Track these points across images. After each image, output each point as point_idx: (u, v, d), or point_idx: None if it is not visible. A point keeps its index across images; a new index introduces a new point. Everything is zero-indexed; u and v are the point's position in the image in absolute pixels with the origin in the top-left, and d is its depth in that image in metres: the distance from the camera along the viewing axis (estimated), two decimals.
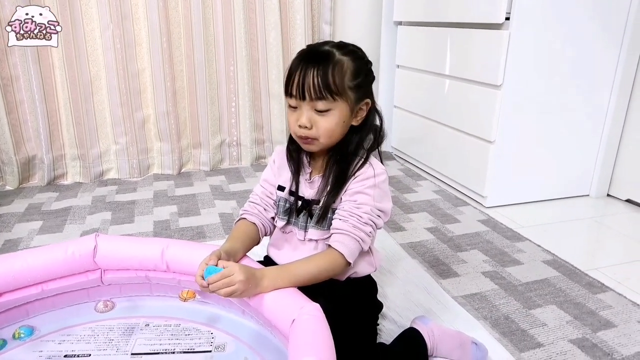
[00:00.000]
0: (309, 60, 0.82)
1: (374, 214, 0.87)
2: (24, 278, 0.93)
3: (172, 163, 2.18)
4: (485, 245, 1.50)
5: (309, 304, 0.76)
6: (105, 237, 1.00)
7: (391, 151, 2.48)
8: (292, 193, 0.93)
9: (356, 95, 0.85)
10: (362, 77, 0.86)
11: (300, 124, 0.83)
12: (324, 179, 0.89)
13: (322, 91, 0.81)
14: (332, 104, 0.82)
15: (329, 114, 0.83)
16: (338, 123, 0.84)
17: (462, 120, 1.85)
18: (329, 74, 0.81)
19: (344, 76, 0.83)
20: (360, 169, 0.88)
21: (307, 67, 0.81)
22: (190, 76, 2.13)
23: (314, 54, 0.84)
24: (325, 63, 0.81)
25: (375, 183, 0.87)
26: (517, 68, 1.62)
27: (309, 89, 0.81)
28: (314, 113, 0.83)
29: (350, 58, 0.84)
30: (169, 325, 1.00)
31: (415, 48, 2.15)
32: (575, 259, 1.42)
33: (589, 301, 1.21)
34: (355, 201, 0.87)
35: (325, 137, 0.85)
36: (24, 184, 2.06)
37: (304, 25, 2.19)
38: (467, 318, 1.14)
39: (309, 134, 0.84)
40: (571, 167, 1.85)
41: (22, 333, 0.95)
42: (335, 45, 0.86)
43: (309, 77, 0.81)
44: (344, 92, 0.83)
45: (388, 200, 0.90)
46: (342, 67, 0.83)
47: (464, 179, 1.89)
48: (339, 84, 0.82)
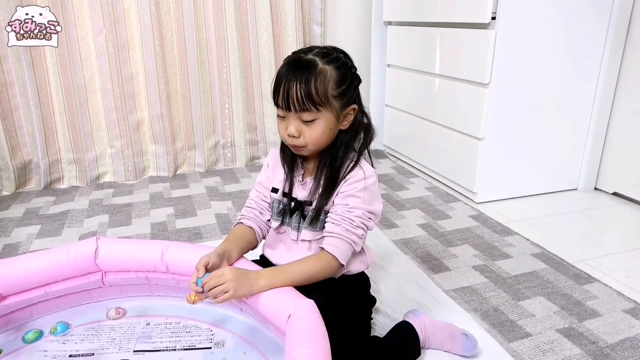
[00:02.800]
0: (293, 72, 0.84)
1: (365, 217, 0.91)
2: (28, 281, 0.96)
3: (167, 165, 2.21)
4: (475, 240, 1.54)
5: (303, 300, 0.79)
6: (106, 239, 1.03)
7: (383, 149, 2.52)
8: (286, 194, 0.96)
9: (341, 103, 0.87)
10: (346, 84, 0.87)
11: (289, 133, 0.86)
12: (315, 181, 0.93)
13: (306, 103, 0.83)
14: (317, 114, 0.85)
15: (315, 123, 0.86)
16: (324, 131, 0.87)
17: (451, 118, 1.89)
18: (312, 86, 0.83)
19: (327, 86, 0.84)
20: (351, 172, 0.91)
21: (291, 79, 0.83)
22: (184, 79, 2.15)
23: (297, 64, 0.85)
24: (307, 75, 0.83)
25: (365, 186, 0.90)
26: (503, 66, 1.65)
27: (293, 102, 0.83)
28: (301, 123, 0.86)
29: (333, 66, 0.86)
30: (169, 323, 1.03)
31: (405, 48, 2.19)
32: (563, 252, 1.46)
33: (576, 292, 1.25)
34: (347, 205, 0.90)
35: (312, 144, 0.88)
36: (20, 188, 2.08)
37: (295, 26, 2.23)
38: (458, 310, 1.17)
39: (297, 143, 0.87)
40: (559, 162, 1.89)
41: (58, 328, 1.00)
42: (319, 53, 0.87)
43: (293, 89, 0.83)
44: (328, 101, 0.85)
45: (378, 202, 0.93)
46: (325, 77, 0.84)
47: (455, 176, 1.93)
48: (322, 95, 0.84)
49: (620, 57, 1.79)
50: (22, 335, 0.99)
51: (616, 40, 1.75)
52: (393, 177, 2.15)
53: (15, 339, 0.98)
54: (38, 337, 0.99)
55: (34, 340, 0.98)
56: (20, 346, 0.96)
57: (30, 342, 0.97)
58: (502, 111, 1.72)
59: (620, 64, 1.80)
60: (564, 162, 1.90)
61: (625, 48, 1.78)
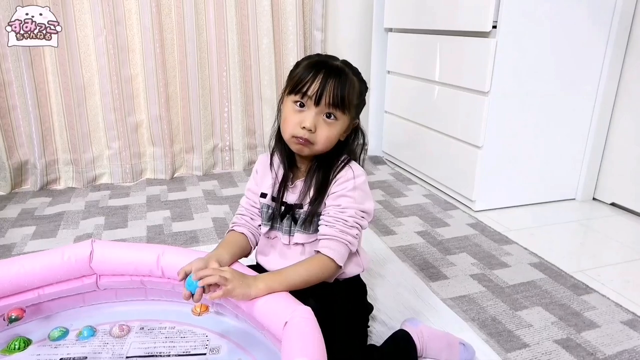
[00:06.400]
0: (329, 72, 0.87)
1: (358, 216, 0.91)
2: (21, 283, 0.95)
3: (164, 168, 2.20)
4: (473, 249, 1.53)
5: (300, 306, 0.78)
6: (101, 242, 1.02)
7: (382, 155, 2.52)
8: (275, 199, 0.96)
9: (355, 112, 0.93)
10: (362, 97, 0.94)
11: (305, 125, 0.87)
12: (306, 184, 0.93)
13: (339, 103, 0.87)
14: (341, 116, 0.89)
15: (335, 123, 0.89)
16: (337, 134, 0.90)
17: (451, 126, 1.89)
18: (347, 89, 0.87)
19: (354, 95, 0.90)
20: (340, 172, 0.92)
21: (329, 78, 0.86)
22: (183, 81, 2.15)
23: (331, 67, 0.88)
24: (344, 78, 0.88)
25: (355, 185, 0.91)
26: (504, 75, 1.65)
27: (328, 97, 0.86)
28: (321, 118, 0.88)
29: (358, 79, 0.92)
30: (163, 327, 1.01)
31: (405, 54, 2.19)
32: (561, 262, 1.45)
33: (574, 302, 1.25)
34: (339, 205, 0.90)
35: (322, 143, 0.89)
36: (16, 189, 2.06)
37: (295, 31, 2.22)
38: (455, 320, 1.16)
39: (310, 137, 0.87)
40: (557, 171, 1.89)
41: (85, 333, 0.99)
42: (345, 63, 0.92)
43: (330, 87, 0.86)
44: (350, 108, 0.90)
45: (370, 201, 0.94)
46: (354, 86, 0.90)
47: (453, 184, 1.93)
48: (350, 100, 0.89)
49: (620, 67, 1.79)
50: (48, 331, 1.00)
51: (616, 51, 1.76)
52: (391, 184, 2.14)
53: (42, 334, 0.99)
54: (63, 335, 0.98)
55: (58, 339, 0.98)
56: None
57: (54, 339, 0.98)
58: (502, 119, 1.72)
59: (620, 74, 1.80)
60: (562, 172, 1.90)
61: (625, 59, 1.78)
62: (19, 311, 0.98)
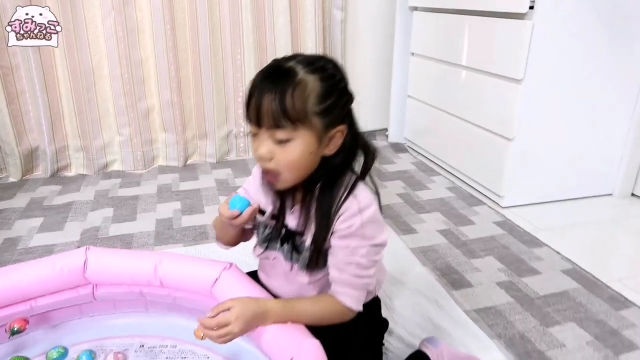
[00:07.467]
0: (268, 80, 0.70)
1: (372, 253, 0.78)
2: (10, 295, 0.89)
3: (177, 154, 2.12)
4: (500, 251, 1.43)
5: (308, 340, 0.70)
6: (96, 250, 0.95)
7: (404, 142, 2.39)
8: (276, 217, 0.83)
9: (324, 122, 0.71)
10: (332, 99, 0.71)
11: (259, 155, 0.72)
12: (304, 213, 0.78)
13: (280, 118, 0.68)
14: (293, 133, 0.69)
15: (290, 144, 0.70)
16: (301, 156, 0.71)
17: (479, 115, 1.76)
18: (288, 98, 0.68)
19: (307, 100, 0.69)
20: (344, 204, 0.75)
21: (264, 89, 0.69)
22: (195, 64, 2.05)
23: (274, 71, 0.71)
24: (284, 84, 0.68)
25: (362, 222, 0.75)
26: (540, 61, 1.51)
27: (265, 115, 0.69)
28: (274, 143, 0.71)
29: (317, 77, 0.70)
30: (164, 346, 0.95)
31: (431, 35, 2.04)
32: (596, 269, 1.33)
33: (611, 318, 1.14)
34: (348, 247, 0.76)
35: (287, 171, 0.72)
36: (27, 175, 2.02)
37: (314, 10, 2.09)
38: (480, 336, 1.07)
39: (269, 167, 0.72)
40: (593, 165, 1.75)
41: (83, 358, 0.91)
42: (302, 61, 0.72)
43: (266, 100, 0.68)
44: (307, 118, 0.69)
45: (381, 232, 0.78)
46: (305, 88, 0.69)
47: (480, 177, 1.80)
48: (299, 110, 0.68)
49: None
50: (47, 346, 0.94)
51: None
52: (413, 174, 2.03)
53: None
54: (61, 356, 0.92)
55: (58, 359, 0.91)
56: None
57: None
58: (536, 110, 1.58)
59: None
60: (599, 165, 1.76)
61: None
62: (22, 322, 0.92)
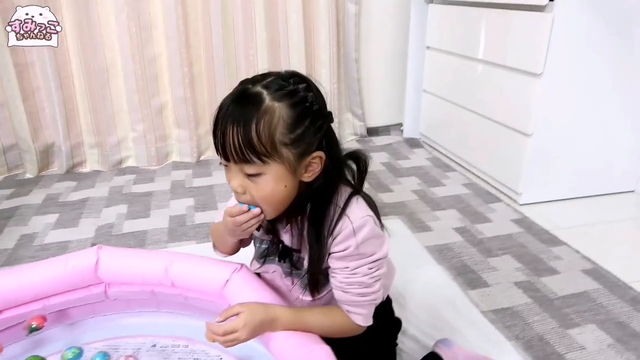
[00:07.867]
0: (232, 109, 0.65)
1: (374, 268, 0.73)
2: (23, 294, 0.89)
3: (191, 151, 2.12)
4: (518, 250, 1.39)
5: (319, 346, 0.69)
6: (107, 249, 0.95)
7: (419, 138, 2.36)
8: (271, 232, 0.80)
9: (297, 152, 0.66)
10: (303, 127, 0.65)
11: (232, 188, 0.68)
12: (296, 234, 0.75)
13: (245, 153, 0.63)
14: (262, 167, 0.65)
15: (261, 179, 0.66)
16: (275, 190, 0.67)
17: (496, 110, 1.72)
18: (252, 130, 0.63)
19: (275, 130, 0.64)
20: (337, 225, 0.71)
21: (228, 120, 0.64)
22: (208, 61, 2.04)
23: (239, 98, 0.66)
24: (248, 115, 0.63)
25: (357, 244, 0.70)
26: (559, 55, 1.46)
27: (231, 150, 0.64)
28: (244, 177, 0.67)
29: (285, 103, 0.64)
30: (177, 345, 0.94)
31: (447, 29, 2.00)
32: (617, 269, 1.30)
33: (633, 320, 1.10)
34: (347, 268, 0.72)
35: (264, 205, 0.68)
36: (43, 171, 2.04)
37: (327, 5, 2.06)
38: (496, 338, 1.05)
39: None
40: (615, 160, 1.70)
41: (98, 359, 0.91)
42: (271, 83, 0.66)
43: (230, 134, 0.63)
44: (276, 151, 0.64)
45: (380, 246, 0.74)
46: (272, 118, 0.63)
47: (497, 173, 1.77)
48: (266, 142, 0.63)
49: None
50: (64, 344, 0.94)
51: None
52: (428, 170, 2.00)
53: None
54: (76, 357, 0.91)
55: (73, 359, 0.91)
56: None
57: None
58: (555, 105, 1.54)
59: None
60: (621, 161, 1.70)
61: None
62: (40, 320, 0.92)
